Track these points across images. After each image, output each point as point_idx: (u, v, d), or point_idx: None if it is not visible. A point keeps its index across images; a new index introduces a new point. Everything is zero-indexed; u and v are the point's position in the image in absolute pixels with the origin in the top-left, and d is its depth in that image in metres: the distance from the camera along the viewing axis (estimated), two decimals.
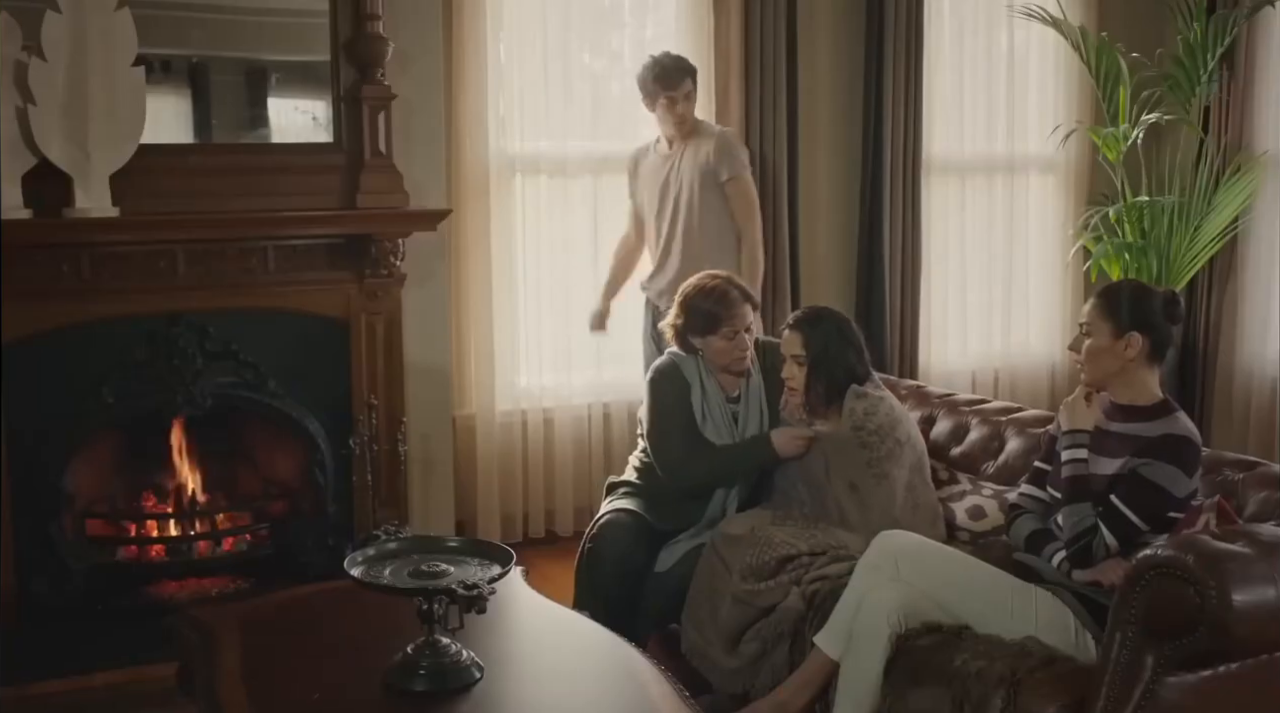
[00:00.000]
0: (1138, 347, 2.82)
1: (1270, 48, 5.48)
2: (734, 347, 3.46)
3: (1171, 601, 2.38)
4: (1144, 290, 2.93)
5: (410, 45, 4.31)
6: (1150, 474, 2.75)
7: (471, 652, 2.41)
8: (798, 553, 3.17)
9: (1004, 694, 2.57)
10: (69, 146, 3.81)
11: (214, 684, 2.42)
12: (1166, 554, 2.42)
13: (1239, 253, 5.64)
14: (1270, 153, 5.49)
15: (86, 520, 4.21)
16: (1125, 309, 2.84)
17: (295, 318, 4.27)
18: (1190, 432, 2.79)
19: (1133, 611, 2.45)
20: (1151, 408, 2.84)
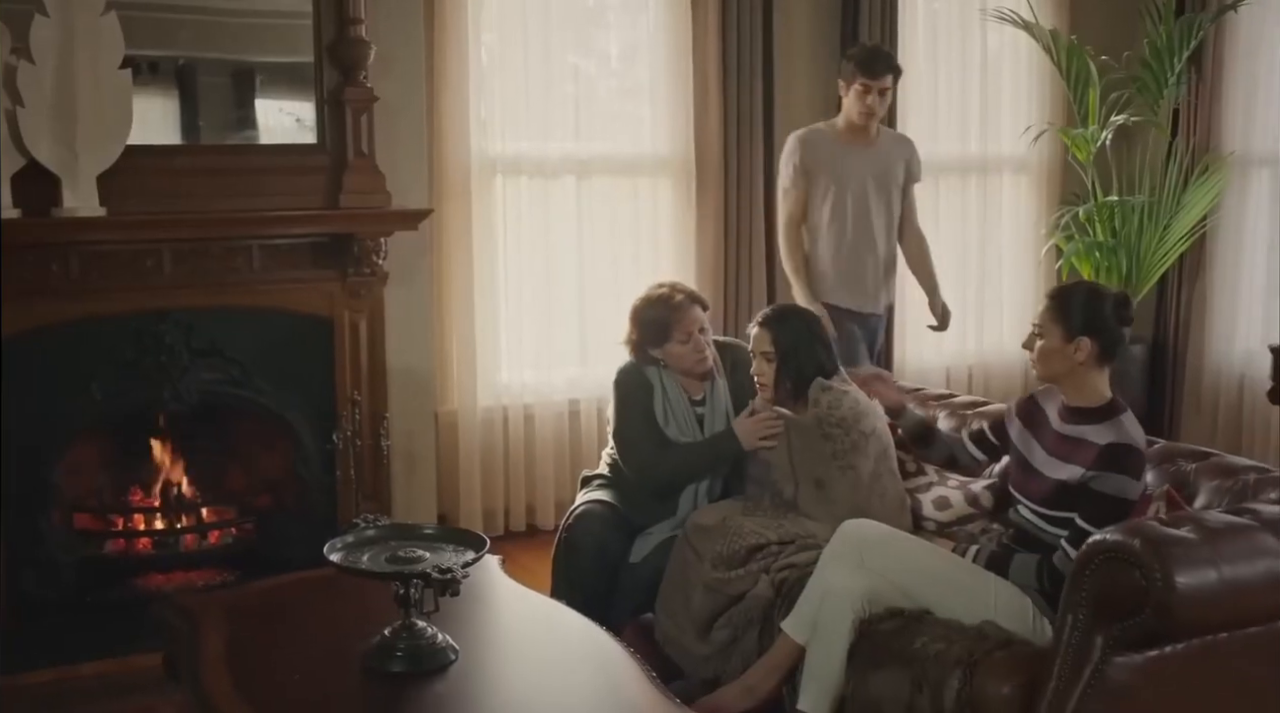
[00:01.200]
0: (1087, 350, 2.91)
1: (1237, 50, 5.61)
2: (691, 350, 3.54)
3: (1119, 584, 2.49)
4: (1096, 294, 3.01)
5: (392, 48, 4.39)
6: (1101, 486, 2.83)
7: (447, 635, 2.50)
8: (767, 542, 3.26)
9: (960, 675, 2.68)
10: (57, 147, 3.88)
11: (198, 669, 2.50)
12: (1114, 539, 2.52)
13: (1207, 251, 5.76)
14: (1237, 153, 5.61)
15: (75, 515, 4.29)
16: (1076, 313, 2.92)
17: (280, 316, 4.34)
18: (1132, 438, 2.87)
19: (1083, 594, 2.56)
20: (1100, 410, 2.93)
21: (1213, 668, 2.61)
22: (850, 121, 4.53)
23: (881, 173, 4.61)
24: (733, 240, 5.23)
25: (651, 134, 5.20)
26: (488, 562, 3.09)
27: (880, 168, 4.60)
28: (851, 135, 4.55)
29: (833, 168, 4.54)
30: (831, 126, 4.62)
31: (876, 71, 4.45)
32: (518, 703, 2.39)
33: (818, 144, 4.56)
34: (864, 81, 4.45)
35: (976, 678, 2.67)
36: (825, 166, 4.54)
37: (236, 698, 2.34)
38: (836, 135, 4.58)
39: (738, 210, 5.21)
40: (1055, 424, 2.99)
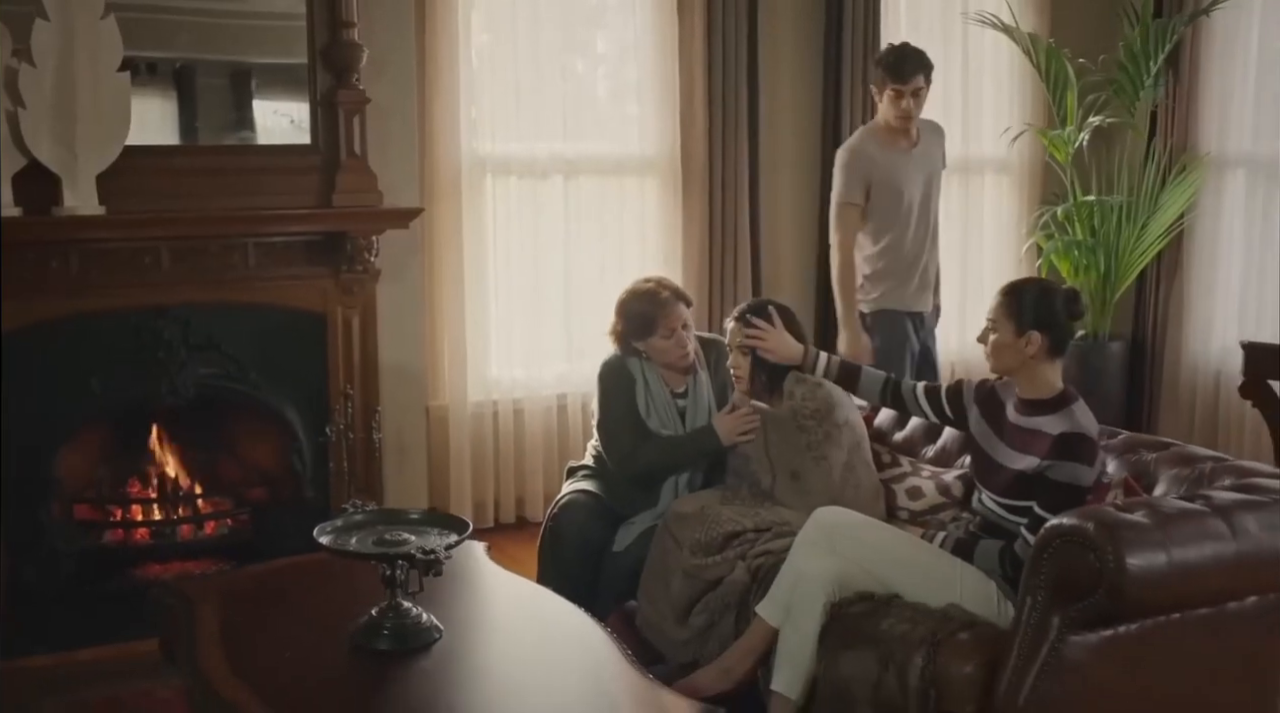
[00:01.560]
0: (1037, 344, 3.02)
1: (1213, 53, 5.70)
2: (674, 345, 3.65)
3: (1074, 566, 2.60)
4: (1046, 290, 3.09)
5: (384, 51, 4.49)
6: (1057, 475, 2.94)
7: (432, 615, 2.61)
8: (743, 530, 3.37)
9: (924, 654, 2.79)
10: (57, 148, 3.97)
11: (195, 648, 2.61)
12: (1070, 524, 2.64)
13: (1184, 250, 5.86)
14: (1213, 154, 5.71)
15: (75, 506, 4.38)
16: (1027, 308, 3.01)
17: (275, 312, 4.45)
18: (1083, 427, 2.97)
19: (1041, 576, 2.67)
20: (1052, 401, 3.03)
21: (1164, 648, 2.72)
22: (890, 126, 4.52)
23: (929, 170, 4.64)
24: (718, 239, 5.32)
25: (638, 135, 5.29)
26: (473, 548, 3.22)
27: (927, 166, 4.64)
28: (894, 138, 4.55)
29: (889, 174, 4.52)
30: (873, 132, 4.60)
31: (905, 74, 4.43)
32: (499, 680, 2.51)
33: (871, 153, 4.54)
34: (895, 87, 4.43)
35: (940, 657, 2.78)
36: (882, 173, 4.52)
37: (231, 675, 2.45)
38: (883, 140, 4.56)
39: (723, 210, 5.31)
40: (1012, 417, 3.10)
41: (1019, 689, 2.64)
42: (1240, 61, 5.65)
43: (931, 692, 2.76)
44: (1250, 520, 2.73)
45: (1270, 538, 2.74)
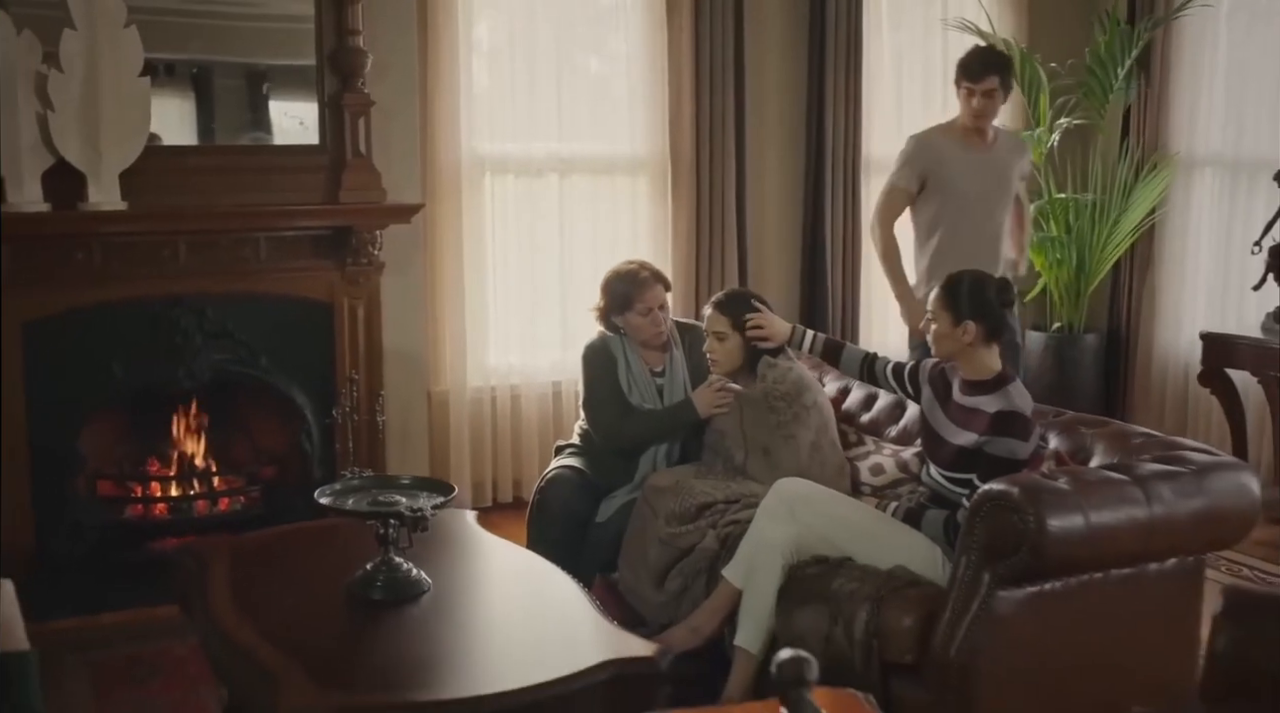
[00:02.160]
0: (973, 333, 3.27)
1: (1182, 56, 5.95)
2: (649, 322, 3.92)
3: (1001, 527, 2.87)
4: (979, 282, 3.34)
5: (388, 56, 4.75)
6: (994, 450, 3.20)
7: (422, 570, 2.89)
8: (714, 501, 3.64)
9: (869, 609, 3.06)
10: (83, 147, 4.22)
11: (207, 599, 2.89)
12: (999, 489, 2.91)
13: (1156, 247, 6.09)
14: (1182, 153, 5.96)
15: (98, 482, 4.63)
16: (962, 300, 3.27)
17: (284, 301, 4.68)
18: (1017, 405, 3.22)
19: (974, 537, 2.95)
20: (989, 382, 3.28)
21: (1086, 605, 3.00)
22: (964, 124, 4.59)
23: (996, 177, 4.64)
24: (704, 235, 5.56)
25: (629, 136, 5.53)
26: (464, 515, 3.50)
27: (995, 172, 4.64)
28: (967, 138, 4.60)
29: (950, 171, 4.57)
30: (947, 127, 4.70)
31: (975, 74, 4.51)
32: (479, 624, 2.79)
33: (937, 146, 4.60)
34: (967, 85, 4.52)
35: (883, 612, 3.05)
36: (941, 168, 4.57)
37: (240, 619, 2.72)
38: (955, 137, 4.62)
39: (709, 207, 5.54)
40: (956, 396, 3.36)
41: (951, 640, 2.92)
42: (1207, 67, 5.89)
43: (874, 643, 3.03)
44: (1165, 489, 2.99)
45: (1184, 504, 3.00)
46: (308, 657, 2.49)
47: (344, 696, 2.33)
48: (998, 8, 6.09)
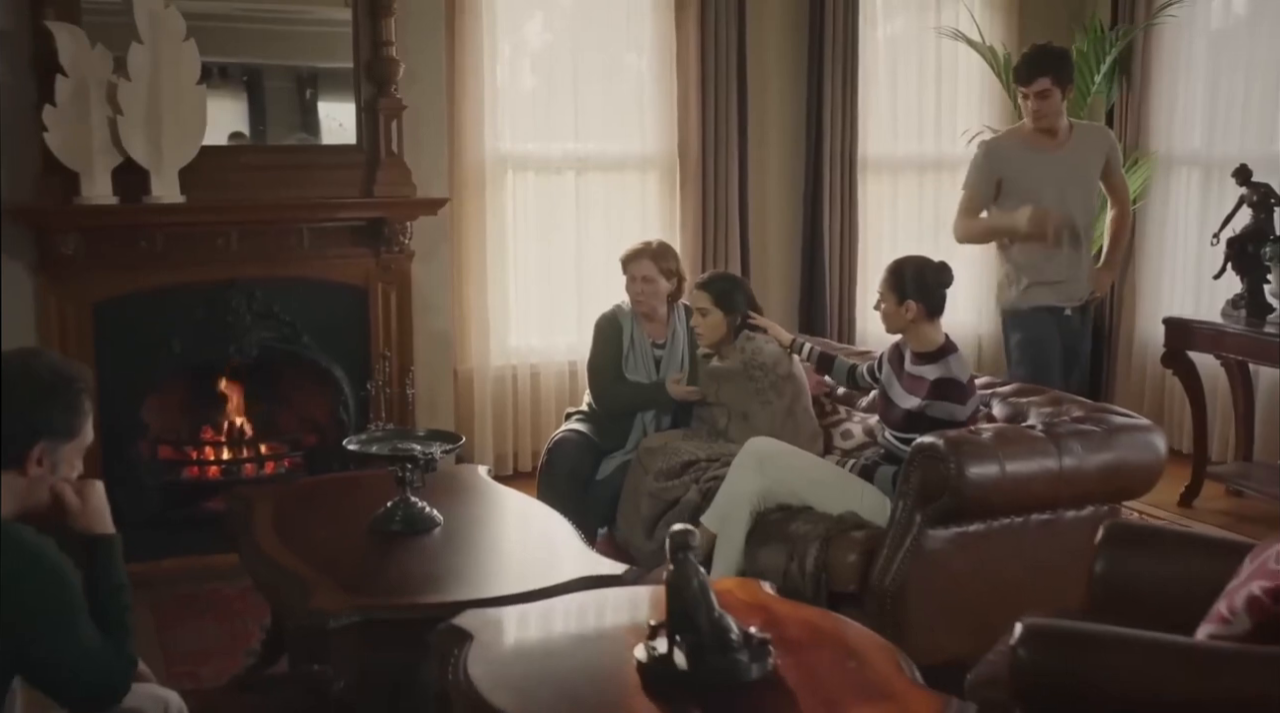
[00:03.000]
0: (914, 310, 3.73)
1: (1162, 60, 6.34)
2: (635, 290, 4.45)
3: (930, 474, 3.35)
4: (920, 266, 3.80)
5: (418, 64, 5.20)
6: (934, 412, 3.66)
7: (435, 510, 3.37)
8: (698, 459, 4.13)
9: (819, 547, 3.54)
10: (147, 147, 4.68)
11: (252, 531, 3.39)
12: (928, 441, 3.39)
13: (1138, 240, 6.47)
14: (1163, 151, 6.35)
15: (159, 447, 5.12)
16: (905, 282, 3.74)
17: (324, 285, 5.14)
18: (955, 374, 3.67)
19: (909, 484, 3.42)
20: (933, 353, 3.75)
21: (1005, 545, 3.45)
22: (1029, 126, 4.69)
23: (1071, 172, 4.68)
24: (710, 227, 6.00)
25: (640, 136, 5.97)
26: (476, 469, 4.00)
27: (1069, 168, 4.68)
28: (1036, 139, 4.68)
29: (1020, 173, 4.63)
30: (1017, 131, 4.83)
31: (1024, 77, 4.62)
32: (479, 550, 3.28)
33: (1005, 151, 4.69)
34: (1021, 89, 4.65)
35: (831, 549, 3.53)
36: (1013, 172, 4.64)
37: (280, 546, 3.23)
38: (1023, 140, 4.70)
39: (715, 202, 5.98)
40: (906, 365, 3.83)
41: (887, 572, 3.40)
42: (1184, 70, 6.27)
43: (824, 576, 3.51)
44: (1076, 444, 3.45)
45: (1093, 458, 3.46)
46: (336, 572, 3.00)
47: (364, 599, 2.83)
48: (989, 15, 6.50)
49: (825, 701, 1.91)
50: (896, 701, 1.84)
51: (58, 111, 4.55)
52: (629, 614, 2.08)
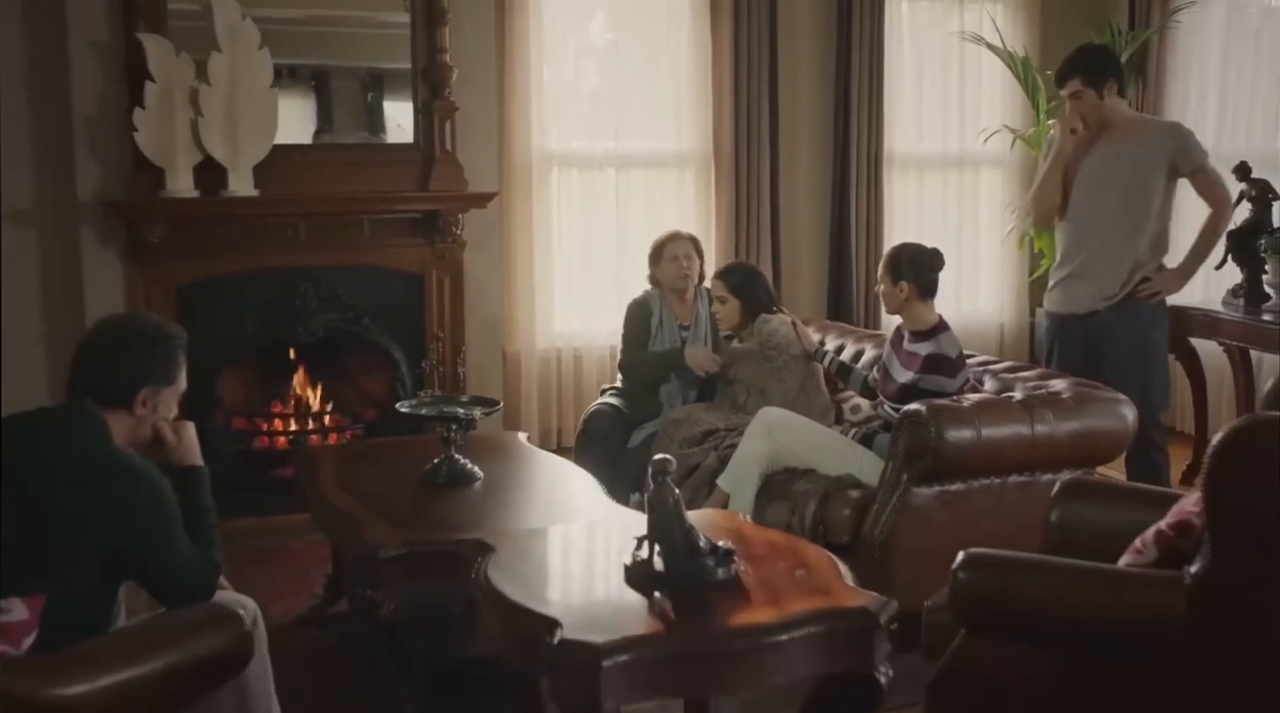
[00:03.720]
0: (907, 291, 4.13)
1: (1176, 62, 6.64)
2: (676, 268, 4.87)
3: (915, 437, 3.74)
4: (914, 251, 4.19)
5: (471, 69, 5.64)
6: (926, 385, 4.05)
7: (476, 466, 3.82)
8: (717, 429, 4.55)
9: (817, 502, 3.95)
10: (225, 146, 5.17)
11: (317, 482, 3.86)
12: (914, 408, 3.78)
13: None
14: None
15: (233, 418, 5.62)
16: (899, 265, 4.13)
17: (384, 272, 5.61)
18: (944, 349, 4.06)
19: (898, 446, 3.81)
20: (926, 332, 4.14)
21: (985, 504, 3.82)
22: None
23: (1108, 172, 4.57)
24: (743, 221, 6.39)
25: (676, 135, 6.37)
26: (516, 434, 4.45)
27: (1107, 166, 4.56)
28: (1091, 141, 4.61)
29: (1072, 176, 4.63)
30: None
31: (1059, 82, 4.64)
32: (514, 501, 3.72)
33: (1072, 154, 4.63)
34: (1060, 94, 4.69)
35: (828, 505, 3.94)
36: (1070, 172, 4.64)
37: (340, 493, 3.70)
38: (1082, 142, 4.62)
39: (747, 196, 6.36)
40: (904, 343, 4.23)
41: (877, 524, 3.79)
42: (1198, 73, 6.56)
43: (821, 528, 3.91)
44: (1048, 412, 3.83)
45: (1063, 425, 3.83)
46: (387, 514, 3.46)
47: (409, 534, 3.28)
48: (1011, 21, 6.84)
49: (774, 596, 2.33)
50: (832, 595, 2.25)
51: (146, 114, 5.06)
52: (624, 534, 2.49)
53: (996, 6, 6.81)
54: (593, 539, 2.82)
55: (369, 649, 3.79)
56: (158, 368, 2.71)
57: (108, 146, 5.18)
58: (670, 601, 2.21)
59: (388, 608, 3.27)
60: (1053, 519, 3.27)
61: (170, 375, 2.73)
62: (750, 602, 2.24)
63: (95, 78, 5.16)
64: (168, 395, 2.75)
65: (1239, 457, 2.45)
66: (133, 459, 2.61)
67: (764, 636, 2.12)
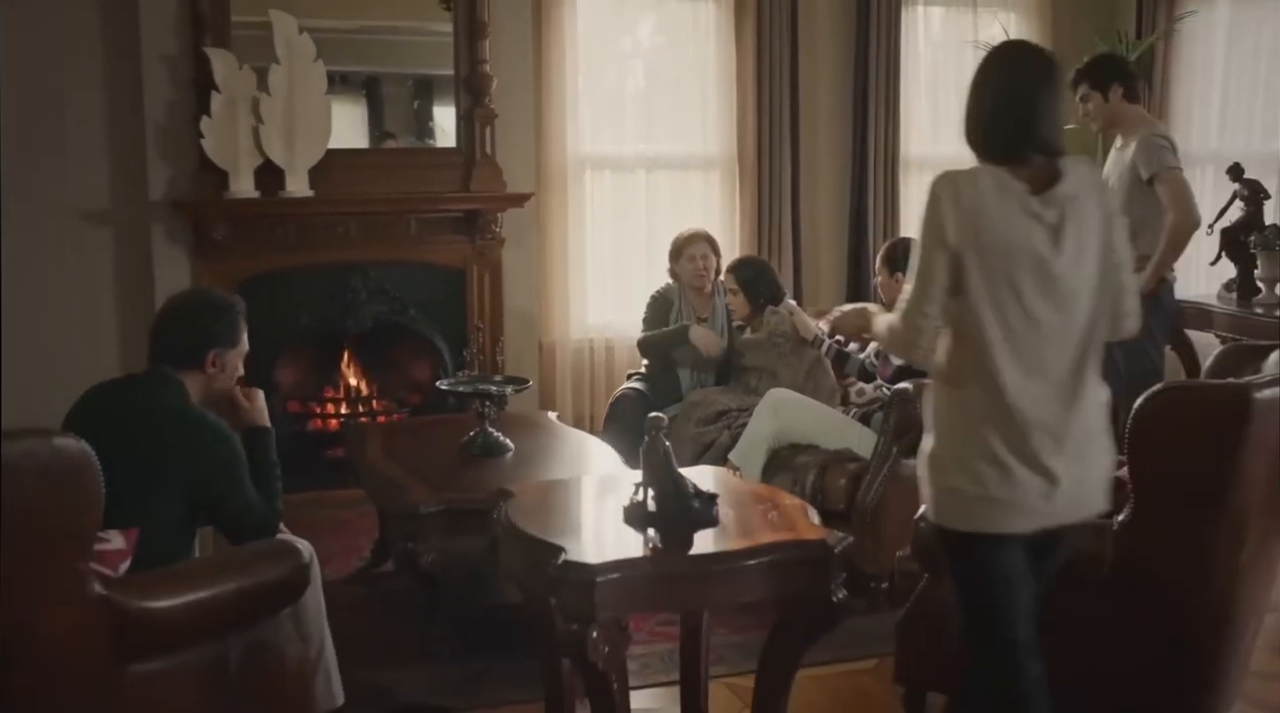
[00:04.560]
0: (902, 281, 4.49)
1: (1180, 67, 6.98)
2: (692, 267, 5.28)
3: (904, 413, 4.12)
4: (908, 245, 4.51)
5: (510, 78, 6.04)
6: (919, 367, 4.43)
7: (508, 439, 4.25)
8: (730, 409, 4.95)
9: (816, 472, 4.34)
10: (283, 150, 5.59)
11: (365, 452, 4.32)
12: (903, 386, 4.17)
13: None
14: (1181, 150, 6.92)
15: (288, 402, 6.02)
16: (896, 258, 4.50)
17: (428, 267, 6.00)
18: None
19: (889, 421, 4.20)
20: None
21: None
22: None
23: (1113, 170, 4.99)
24: (765, 220, 6.74)
25: (703, 139, 6.73)
26: (546, 413, 4.89)
27: (1114, 166, 5.00)
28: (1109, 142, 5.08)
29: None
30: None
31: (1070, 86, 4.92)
32: (540, 467, 4.14)
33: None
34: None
35: (826, 476, 4.33)
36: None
37: (386, 461, 4.15)
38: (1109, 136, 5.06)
39: (769, 197, 6.71)
40: None
41: (869, 493, 4.19)
42: (1202, 76, 6.90)
43: (819, 496, 4.30)
44: None
45: None
46: (427, 478, 3.90)
47: (446, 493, 3.72)
48: (1023, 29, 7.17)
49: (747, 531, 2.73)
50: (796, 531, 2.65)
51: (212, 121, 5.51)
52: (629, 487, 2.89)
53: (1009, 15, 7.15)
54: (601, 490, 3.23)
55: (409, 604, 4.26)
56: (223, 332, 3.16)
57: (176, 151, 5.63)
58: (659, 534, 2.61)
59: (427, 559, 3.71)
60: None
61: (234, 338, 3.18)
62: (727, 535, 2.64)
63: (166, 88, 5.61)
64: (233, 356, 3.19)
65: (1155, 421, 2.82)
66: (209, 415, 3.06)
67: (735, 560, 2.52)
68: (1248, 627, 2.97)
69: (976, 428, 2.41)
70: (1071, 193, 2.44)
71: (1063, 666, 2.91)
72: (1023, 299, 2.41)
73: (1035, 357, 2.43)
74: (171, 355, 3.11)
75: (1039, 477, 2.40)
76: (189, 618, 2.65)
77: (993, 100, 2.51)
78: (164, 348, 3.12)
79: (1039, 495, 2.41)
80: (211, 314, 3.18)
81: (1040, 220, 2.42)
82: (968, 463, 2.41)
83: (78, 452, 2.42)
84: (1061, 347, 2.45)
